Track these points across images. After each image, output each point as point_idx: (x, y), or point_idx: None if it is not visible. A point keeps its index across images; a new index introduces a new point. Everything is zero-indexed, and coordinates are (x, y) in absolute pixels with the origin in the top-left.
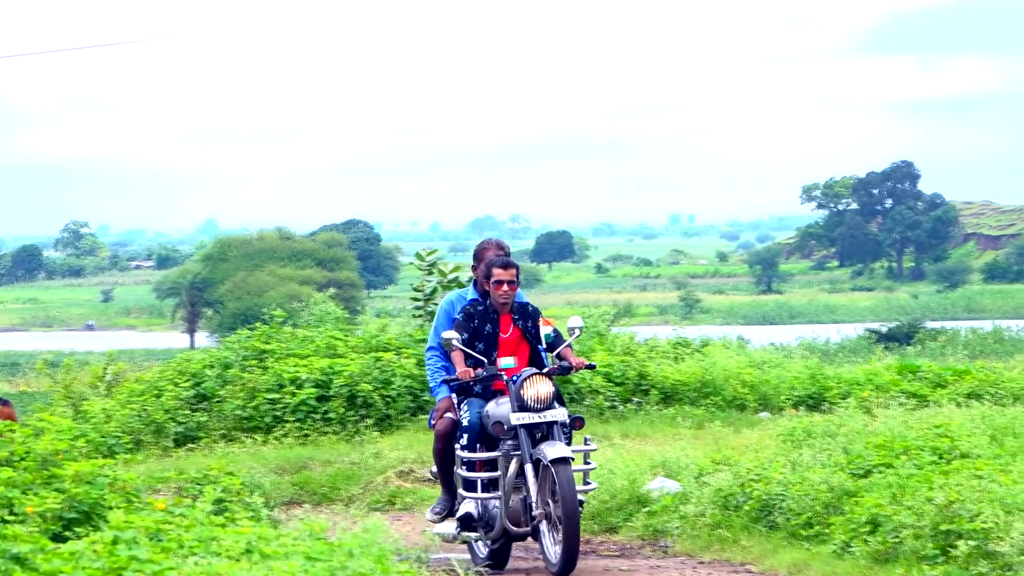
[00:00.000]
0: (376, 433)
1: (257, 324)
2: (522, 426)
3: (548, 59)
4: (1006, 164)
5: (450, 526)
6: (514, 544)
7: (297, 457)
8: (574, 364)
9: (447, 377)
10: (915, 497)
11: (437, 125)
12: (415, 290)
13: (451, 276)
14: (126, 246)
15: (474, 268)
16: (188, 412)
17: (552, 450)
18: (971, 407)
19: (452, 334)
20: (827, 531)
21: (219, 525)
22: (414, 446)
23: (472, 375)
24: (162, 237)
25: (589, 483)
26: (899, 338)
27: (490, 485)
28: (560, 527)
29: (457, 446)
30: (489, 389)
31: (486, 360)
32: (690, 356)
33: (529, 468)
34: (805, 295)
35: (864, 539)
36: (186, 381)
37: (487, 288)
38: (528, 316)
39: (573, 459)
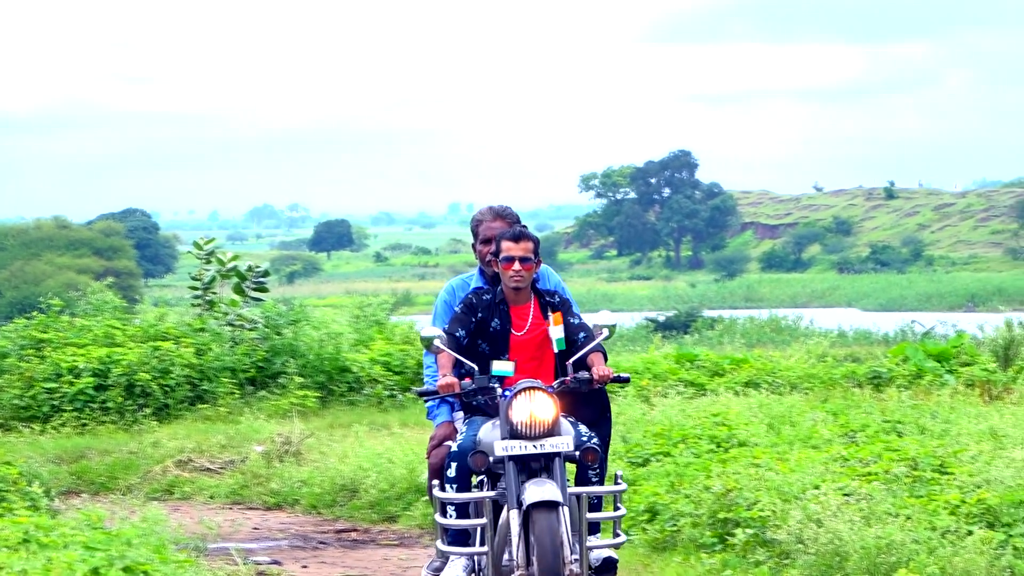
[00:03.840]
0: (155, 422)
1: (34, 313)
2: (510, 458)
3: (328, 49)
4: (783, 155)
5: None
6: None
7: (75, 446)
8: (596, 376)
9: (420, 389)
10: (693, 485)
11: (215, 113)
12: (193, 279)
13: (230, 265)
14: None
15: (474, 247)
16: None
17: (534, 491)
18: (748, 396)
19: (434, 331)
20: None
21: None
22: (192, 435)
23: (457, 387)
24: None
25: (619, 535)
26: (677, 327)
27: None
28: None
29: (434, 483)
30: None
31: (475, 368)
32: None
33: (514, 515)
34: (584, 284)
35: (643, 527)
36: None
37: (496, 270)
38: (553, 308)
39: (563, 504)
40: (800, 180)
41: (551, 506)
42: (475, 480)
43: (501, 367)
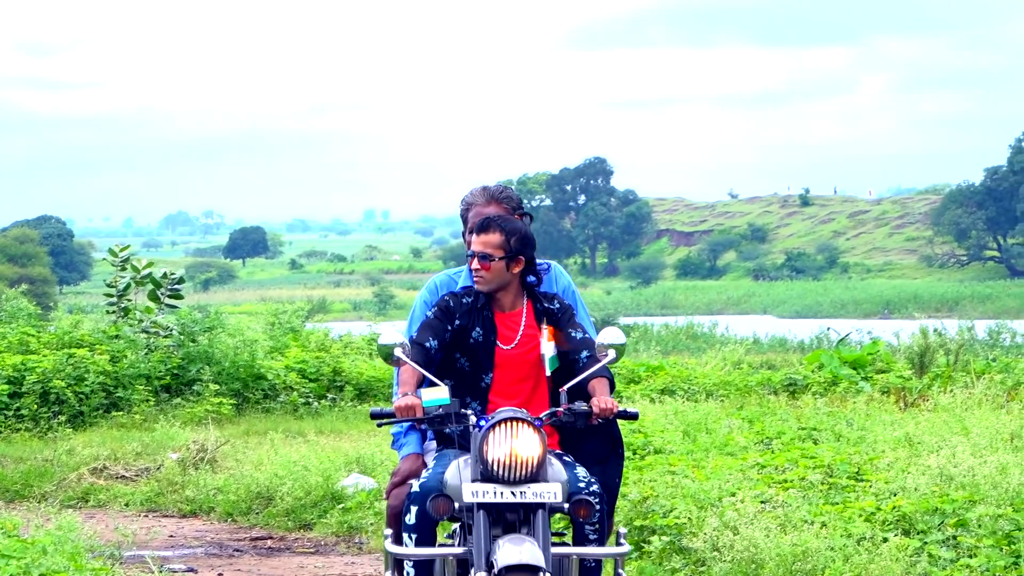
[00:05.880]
0: (69, 430)
1: None
2: (480, 506)
3: (243, 55)
4: (699, 161)
5: None
6: None
7: None
8: (595, 409)
9: (374, 410)
10: None
11: (129, 119)
12: (108, 286)
13: (145, 272)
14: None
15: (463, 236)
16: None
17: (510, 551)
18: (664, 403)
19: (395, 338)
20: None
21: None
22: (107, 443)
23: (419, 411)
24: None
25: None
26: None
27: None
28: None
29: (387, 533)
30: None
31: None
32: None
33: None
34: None
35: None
36: None
37: None
38: (551, 315)
39: (546, 571)
40: (715, 187)
41: (528, 570)
42: (450, 529)
43: (431, 395)
